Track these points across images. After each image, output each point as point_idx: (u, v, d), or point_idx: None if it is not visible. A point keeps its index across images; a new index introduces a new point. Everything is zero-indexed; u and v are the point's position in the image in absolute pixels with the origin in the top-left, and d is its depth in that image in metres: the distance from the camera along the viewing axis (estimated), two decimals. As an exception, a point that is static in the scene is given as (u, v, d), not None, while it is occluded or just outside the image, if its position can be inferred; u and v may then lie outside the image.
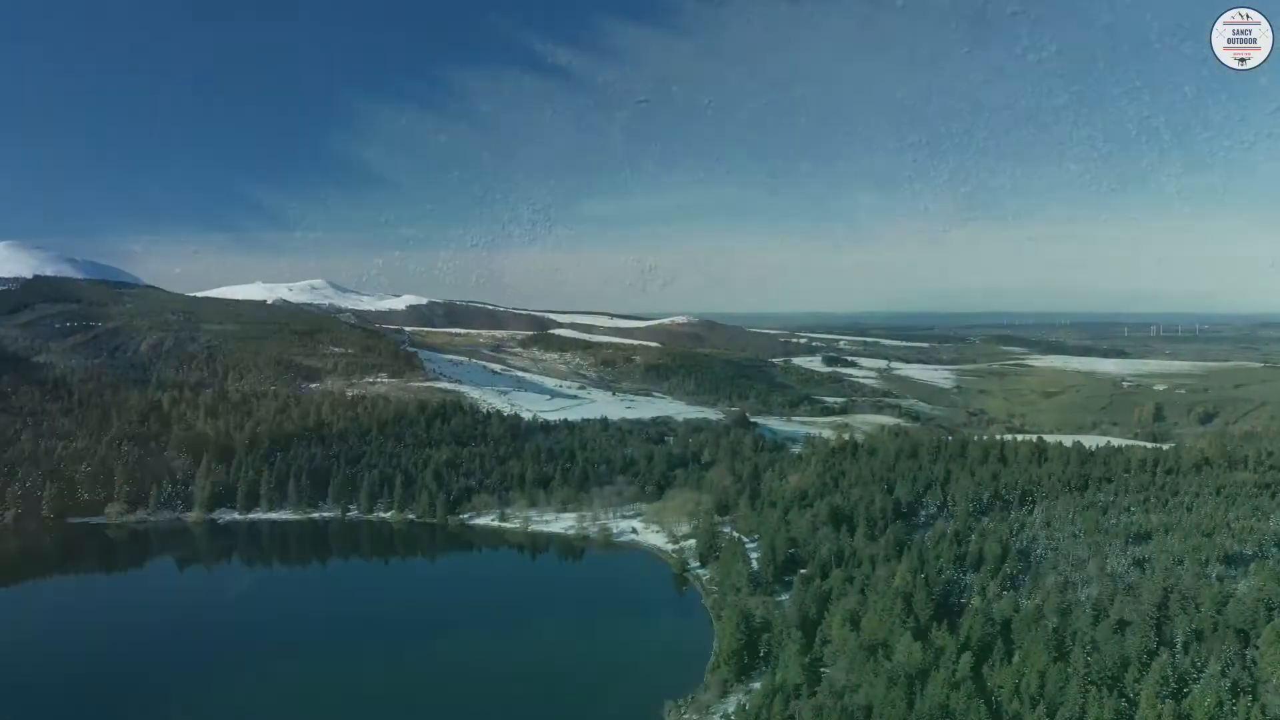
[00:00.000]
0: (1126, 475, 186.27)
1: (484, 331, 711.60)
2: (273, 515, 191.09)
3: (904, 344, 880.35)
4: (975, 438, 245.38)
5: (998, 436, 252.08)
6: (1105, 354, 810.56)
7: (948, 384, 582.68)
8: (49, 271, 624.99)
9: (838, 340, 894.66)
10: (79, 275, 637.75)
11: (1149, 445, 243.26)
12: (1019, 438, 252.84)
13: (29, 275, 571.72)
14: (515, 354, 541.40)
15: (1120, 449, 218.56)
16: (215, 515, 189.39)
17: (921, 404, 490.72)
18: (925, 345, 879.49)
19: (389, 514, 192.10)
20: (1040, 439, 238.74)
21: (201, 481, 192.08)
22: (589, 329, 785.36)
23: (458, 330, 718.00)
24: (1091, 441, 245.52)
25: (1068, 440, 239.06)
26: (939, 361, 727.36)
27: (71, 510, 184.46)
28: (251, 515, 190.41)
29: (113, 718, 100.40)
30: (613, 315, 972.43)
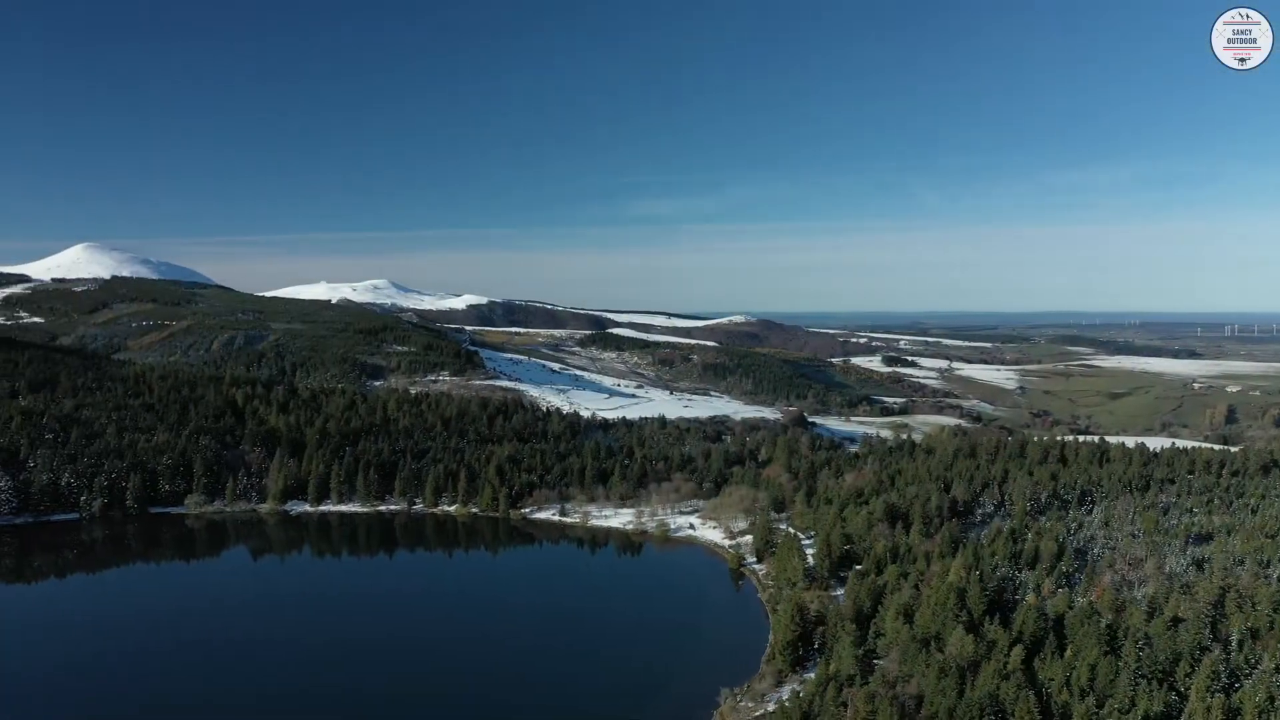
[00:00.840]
0: (1190, 477, 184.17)
1: (543, 330, 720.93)
2: (342, 507, 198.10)
3: (966, 344, 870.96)
4: (1035, 438, 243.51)
5: (1059, 437, 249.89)
6: (1176, 354, 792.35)
7: (1011, 384, 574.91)
8: (125, 272, 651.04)
9: (898, 340, 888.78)
10: (154, 276, 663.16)
11: (1217, 447, 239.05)
12: (1081, 438, 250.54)
13: (107, 276, 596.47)
14: (574, 353, 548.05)
15: (1184, 450, 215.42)
16: (288, 507, 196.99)
17: (984, 405, 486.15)
18: (988, 345, 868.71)
19: (453, 507, 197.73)
20: (1103, 440, 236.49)
21: (275, 474, 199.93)
22: (647, 328, 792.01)
23: (517, 329, 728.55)
24: (1157, 443, 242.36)
25: (1132, 441, 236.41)
26: (1002, 362, 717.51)
27: (153, 501, 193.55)
28: (322, 507, 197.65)
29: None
30: (670, 314, 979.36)
